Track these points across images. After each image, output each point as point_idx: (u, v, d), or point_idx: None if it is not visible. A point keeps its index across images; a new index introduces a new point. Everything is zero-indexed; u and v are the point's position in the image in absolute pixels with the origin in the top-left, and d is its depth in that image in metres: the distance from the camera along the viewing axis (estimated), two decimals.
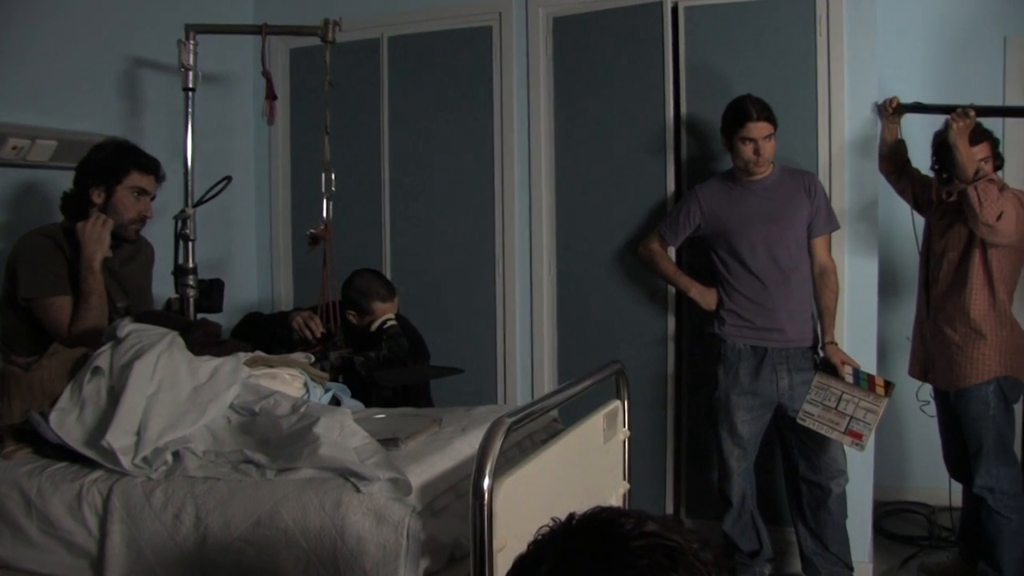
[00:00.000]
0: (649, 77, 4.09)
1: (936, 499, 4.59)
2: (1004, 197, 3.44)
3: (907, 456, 4.92)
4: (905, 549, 4.36)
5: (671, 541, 1.10)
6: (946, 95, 3.92)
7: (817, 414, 3.57)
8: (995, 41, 4.79)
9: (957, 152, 3.43)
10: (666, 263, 3.88)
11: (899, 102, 3.78)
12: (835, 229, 3.72)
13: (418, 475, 2.09)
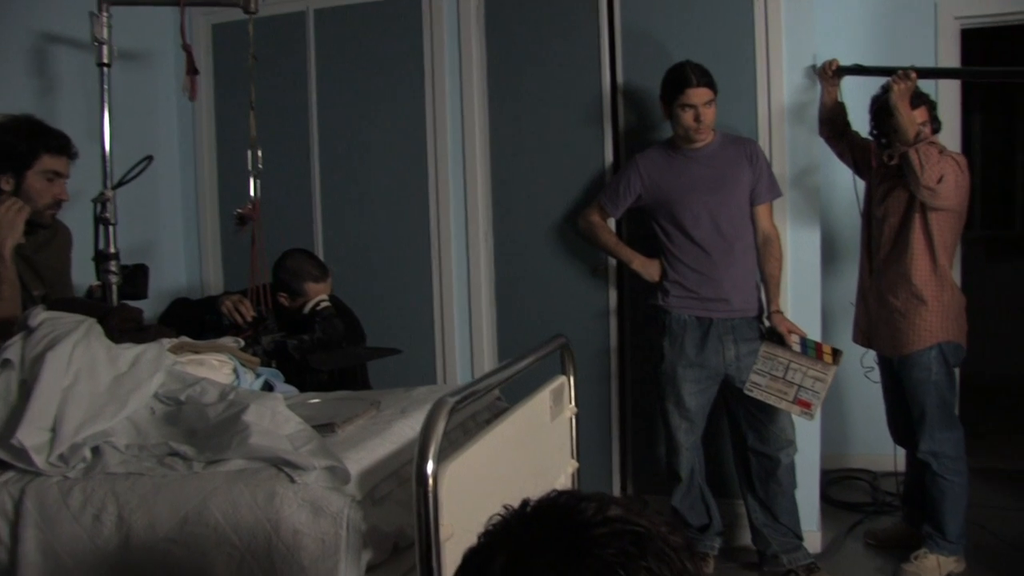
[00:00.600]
0: (585, 46, 4.01)
1: (879, 465, 4.61)
2: (944, 160, 3.42)
3: (850, 424, 4.93)
4: (851, 516, 4.36)
5: (638, 526, 1.01)
6: (880, 62, 3.88)
7: (764, 384, 3.53)
8: (927, 8, 4.78)
9: (898, 115, 3.39)
10: (607, 235, 3.80)
11: (839, 64, 3.74)
12: (778, 196, 3.67)
13: (356, 462, 1.97)
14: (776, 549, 3.68)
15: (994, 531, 4.11)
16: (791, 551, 3.68)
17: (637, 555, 0.98)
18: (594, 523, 1.00)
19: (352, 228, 4.40)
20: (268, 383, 2.68)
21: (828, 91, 3.79)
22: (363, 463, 1.99)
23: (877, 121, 3.64)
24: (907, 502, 4.03)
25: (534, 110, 4.11)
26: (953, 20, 4.79)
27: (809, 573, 3.64)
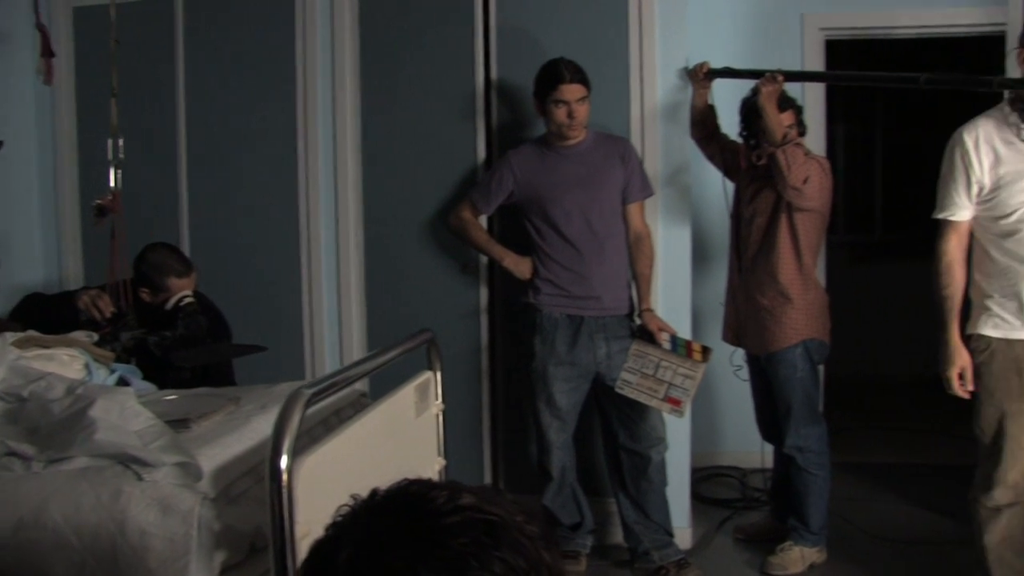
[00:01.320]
0: (459, 42, 3.97)
1: (748, 462, 4.69)
2: (809, 162, 3.51)
3: (720, 422, 5.01)
4: (721, 512, 4.43)
5: (491, 515, 0.96)
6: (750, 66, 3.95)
7: (635, 382, 3.54)
8: (793, 16, 4.92)
9: (766, 116, 3.46)
10: (478, 232, 3.77)
11: (709, 67, 3.79)
12: (649, 195, 3.70)
13: (211, 458, 1.89)
14: (647, 546, 3.71)
15: (855, 522, 4.25)
16: (662, 547, 3.71)
17: (490, 545, 0.93)
18: (445, 512, 0.96)
19: (220, 223, 4.26)
20: (123, 379, 2.57)
21: (699, 93, 3.85)
22: (218, 459, 1.91)
23: (746, 122, 3.72)
24: (774, 497, 4.12)
25: (407, 105, 4.05)
26: (818, 31, 4.95)
27: (679, 569, 3.67)
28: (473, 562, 0.92)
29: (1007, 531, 3.15)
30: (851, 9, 4.93)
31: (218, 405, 2.25)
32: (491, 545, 0.93)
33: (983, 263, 3.09)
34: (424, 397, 2.43)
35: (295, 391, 1.69)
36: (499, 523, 0.96)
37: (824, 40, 4.98)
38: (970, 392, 3.11)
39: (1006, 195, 2.96)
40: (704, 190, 4.32)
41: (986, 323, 3.07)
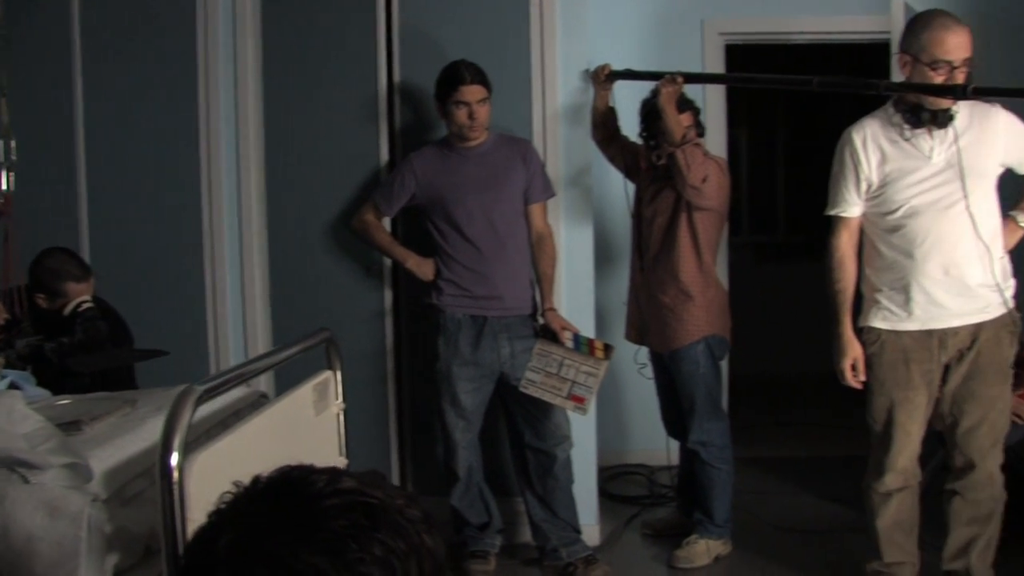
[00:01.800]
0: (361, 43, 3.96)
1: (656, 460, 4.76)
2: (708, 162, 3.59)
3: (627, 420, 5.07)
4: (629, 509, 4.49)
5: (371, 498, 0.97)
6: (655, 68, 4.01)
7: (539, 381, 3.58)
8: (694, 22, 5.04)
9: (665, 117, 3.53)
10: (381, 234, 3.77)
11: (611, 69, 3.84)
12: (551, 196, 3.74)
13: (103, 460, 1.86)
14: (555, 543, 3.74)
15: (760, 515, 4.35)
16: (570, 544, 3.74)
17: (370, 527, 0.95)
18: (325, 495, 0.97)
19: (120, 225, 4.15)
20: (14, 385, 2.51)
21: (600, 95, 3.90)
22: (110, 460, 1.88)
23: (646, 123, 3.79)
24: (680, 492, 4.20)
25: (310, 107, 4.02)
26: (718, 36, 5.06)
27: (587, 565, 3.70)
28: (352, 544, 0.93)
29: (897, 514, 3.27)
30: (750, 15, 5.06)
31: (112, 408, 2.22)
32: (370, 527, 0.94)
33: (872, 258, 3.21)
34: (324, 396, 2.42)
35: (186, 388, 1.68)
36: (379, 506, 0.97)
37: (724, 45, 5.10)
38: (862, 383, 3.22)
39: (892, 191, 3.07)
40: (607, 191, 4.39)
41: (876, 315, 3.18)
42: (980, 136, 3.03)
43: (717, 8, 5.04)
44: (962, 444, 3.18)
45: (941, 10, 3.14)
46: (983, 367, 3.11)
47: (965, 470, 3.20)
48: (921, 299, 3.07)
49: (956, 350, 3.11)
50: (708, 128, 4.84)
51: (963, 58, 2.93)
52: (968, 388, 3.13)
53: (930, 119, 3.00)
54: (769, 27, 5.10)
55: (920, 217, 3.03)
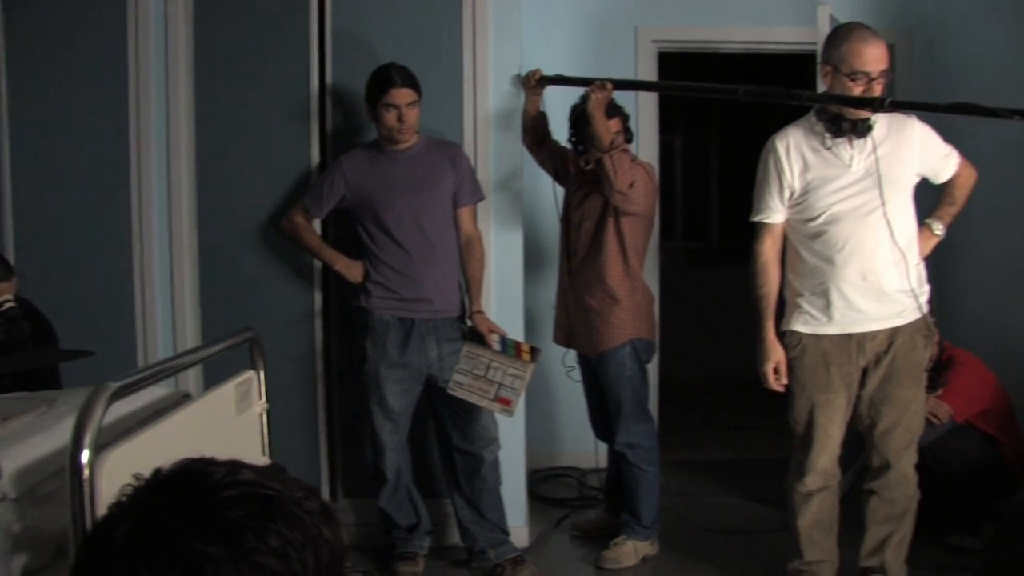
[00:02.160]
0: (294, 45, 3.94)
1: (586, 462, 4.79)
2: (635, 167, 3.64)
3: (558, 423, 5.11)
4: (558, 511, 4.52)
5: (269, 490, 0.98)
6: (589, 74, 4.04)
7: (467, 383, 3.60)
8: (628, 29, 5.10)
9: (594, 122, 3.57)
10: (310, 236, 3.75)
11: (541, 75, 3.87)
12: (480, 200, 3.76)
13: (14, 458, 1.83)
14: (483, 545, 3.76)
15: (688, 516, 4.42)
16: (498, 546, 3.76)
17: (266, 518, 0.96)
18: (223, 486, 0.97)
19: (48, 226, 4.08)
20: None
21: (531, 100, 3.93)
22: (22, 459, 1.85)
23: (576, 128, 3.83)
24: (608, 493, 4.24)
25: (241, 108, 3.99)
26: (651, 43, 5.13)
27: (515, 566, 3.72)
28: (249, 535, 0.94)
29: (818, 514, 3.34)
30: (683, 23, 5.12)
31: (29, 407, 2.19)
32: (267, 518, 0.96)
33: (795, 263, 3.28)
34: (246, 396, 2.41)
35: (100, 385, 1.67)
36: (276, 498, 0.98)
37: (657, 52, 5.16)
38: (784, 386, 3.28)
39: (814, 199, 3.14)
40: (537, 195, 4.42)
41: (797, 320, 3.25)
42: (897, 146, 3.12)
43: (651, 15, 5.10)
44: (879, 445, 3.26)
45: (860, 23, 3.22)
46: (899, 370, 3.19)
47: (881, 470, 3.28)
48: (840, 304, 3.15)
49: (874, 354, 3.19)
50: (640, 134, 4.93)
51: (880, 70, 3.01)
52: (884, 391, 3.21)
53: (850, 129, 3.08)
54: (701, 36, 5.18)
55: (840, 224, 3.11)
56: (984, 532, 4.04)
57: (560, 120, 3.97)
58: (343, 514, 4.08)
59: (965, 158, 3.31)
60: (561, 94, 3.99)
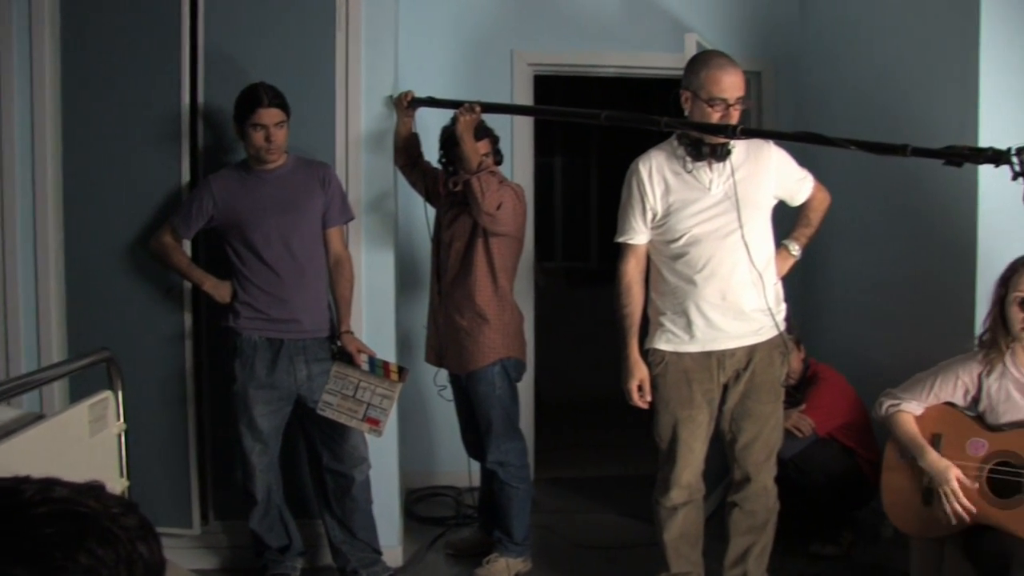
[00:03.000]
0: (164, 63, 3.87)
1: (463, 481, 4.80)
2: (504, 189, 3.69)
3: (434, 443, 5.11)
4: (434, 530, 4.53)
5: (82, 507, 0.98)
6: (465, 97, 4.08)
7: (336, 403, 3.59)
8: (504, 52, 5.17)
9: (463, 144, 3.61)
10: (179, 256, 3.69)
11: (413, 96, 3.91)
12: (350, 220, 3.76)
13: None
14: (355, 565, 3.75)
15: (561, 533, 4.50)
16: (369, 566, 3.76)
17: (77, 536, 0.95)
18: (34, 503, 0.97)
19: None
20: None
21: (403, 121, 3.96)
22: None
23: (445, 150, 3.87)
24: (482, 511, 4.27)
25: (110, 124, 3.88)
26: (527, 66, 5.20)
27: None
28: (57, 552, 0.93)
29: (683, 527, 3.44)
30: (558, 48, 5.22)
31: None
32: (78, 536, 0.95)
33: (658, 283, 3.37)
34: (101, 417, 2.36)
35: None
36: (90, 515, 0.98)
37: (533, 75, 5.25)
38: (648, 403, 3.37)
39: (675, 221, 3.24)
40: (412, 216, 4.44)
41: (660, 338, 3.34)
42: (754, 170, 3.24)
43: (526, 39, 5.19)
44: (740, 459, 3.37)
45: (718, 51, 3.34)
46: (757, 386, 3.30)
47: (743, 483, 3.39)
48: (701, 323, 3.24)
49: (733, 370, 3.30)
50: (516, 156, 5.02)
51: (737, 96, 3.12)
52: (744, 406, 3.32)
53: (710, 153, 3.19)
54: (576, 59, 5.28)
55: (700, 245, 3.21)
56: (843, 539, 4.22)
57: (434, 141, 4.00)
58: (215, 536, 4.03)
59: (820, 182, 3.46)
60: (435, 116, 4.03)
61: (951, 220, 3.87)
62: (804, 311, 5.31)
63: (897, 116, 4.23)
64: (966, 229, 3.77)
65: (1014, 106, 3.70)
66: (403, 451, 4.60)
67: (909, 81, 4.27)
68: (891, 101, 4.35)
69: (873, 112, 4.51)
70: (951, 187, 3.84)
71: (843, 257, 4.96)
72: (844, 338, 4.98)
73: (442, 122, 3.97)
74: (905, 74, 4.31)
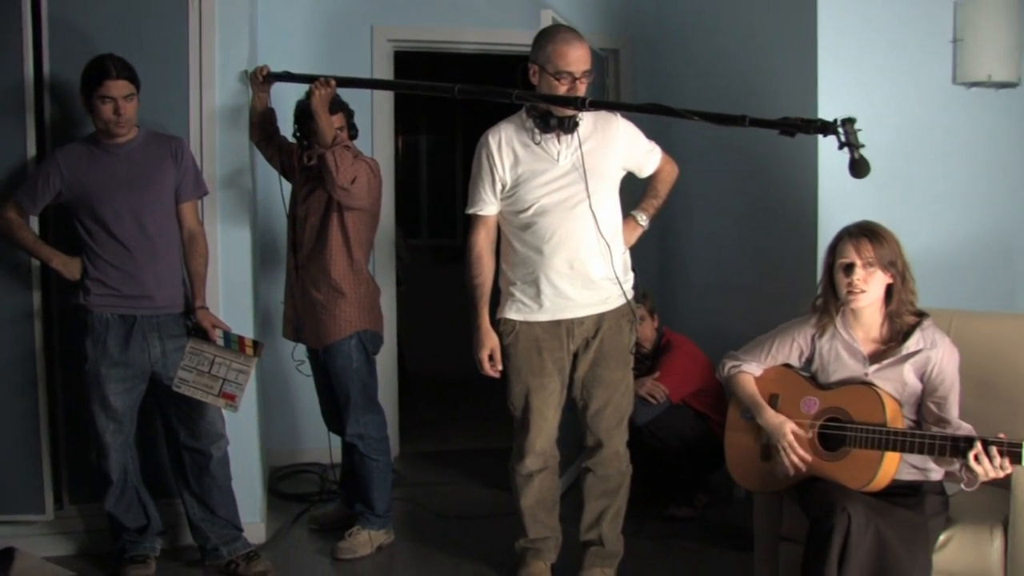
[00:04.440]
0: (5, 30, 3.72)
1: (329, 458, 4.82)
2: (358, 163, 3.71)
3: (298, 420, 5.12)
4: (299, 506, 4.53)
5: None
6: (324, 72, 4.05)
7: (191, 380, 3.56)
8: (364, 27, 5.19)
9: (317, 118, 3.61)
10: (25, 233, 3.57)
11: (269, 71, 3.89)
12: (204, 195, 3.71)
13: None
14: (215, 542, 3.72)
15: (426, 504, 4.58)
16: (230, 542, 3.74)
17: None
18: None
19: None
20: None
21: (259, 96, 3.93)
22: None
23: (300, 124, 3.86)
24: (343, 486, 4.30)
25: None
26: (387, 42, 5.22)
27: (248, 561, 3.71)
28: None
29: (539, 493, 3.54)
30: (418, 23, 5.25)
31: None
32: None
33: (508, 254, 3.44)
34: None
35: None
36: None
37: (393, 51, 5.26)
38: (499, 372, 3.44)
39: (523, 191, 3.32)
40: (271, 192, 4.41)
41: (511, 308, 3.42)
42: (602, 142, 3.34)
43: (386, 15, 5.20)
44: (591, 425, 3.47)
45: (564, 25, 3.43)
46: (606, 354, 3.41)
47: (595, 448, 3.50)
48: (550, 292, 3.33)
49: (582, 338, 3.40)
50: (376, 133, 5.04)
51: (583, 70, 3.21)
52: (594, 374, 3.42)
53: (557, 125, 3.27)
54: (436, 36, 5.33)
55: (548, 215, 3.29)
56: (697, 501, 4.40)
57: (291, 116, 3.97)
58: (69, 521, 3.94)
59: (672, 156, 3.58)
60: (292, 91, 4.01)
61: (794, 192, 4.07)
62: (661, 282, 5.49)
63: (744, 92, 4.42)
64: (808, 200, 3.97)
65: (850, 78, 3.93)
66: (267, 430, 4.60)
67: (754, 58, 4.46)
68: (738, 78, 4.53)
69: (722, 88, 4.68)
70: (794, 160, 4.04)
71: (696, 230, 5.14)
72: (698, 307, 5.17)
73: (299, 96, 3.95)
74: (750, 52, 4.50)
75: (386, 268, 5.27)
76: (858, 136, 2.70)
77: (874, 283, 2.92)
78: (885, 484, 2.82)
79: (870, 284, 2.92)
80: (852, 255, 2.92)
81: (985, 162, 4.23)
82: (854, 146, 2.70)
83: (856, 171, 2.73)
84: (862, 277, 2.91)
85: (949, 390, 2.88)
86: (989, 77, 4.03)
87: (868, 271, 2.91)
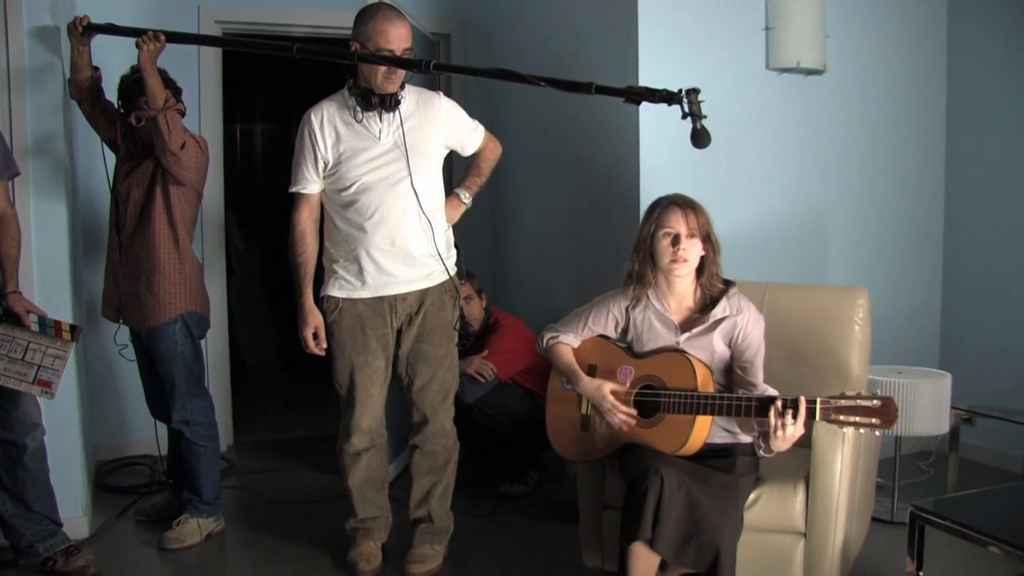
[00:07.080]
0: None
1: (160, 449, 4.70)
2: (188, 133, 3.60)
3: (126, 412, 4.94)
4: (126, 500, 4.39)
5: None
6: None
7: (3, 368, 3.38)
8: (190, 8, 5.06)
9: (147, 76, 3.45)
10: None
11: (90, 21, 3.62)
12: (15, 175, 3.49)
13: None
14: (31, 539, 3.51)
15: (259, 492, 4.53)
16: (47, 538, 3.54)
17: None
18: None
19: None
20: None
21: (79, 50, 3.67)
22: None
23: (124, 100, 3.73)
24: (171, 474, 4.18)
25: None
26: (215, 23, 5.10)
27: (67, 557, 3.54)
28: None
29: (367, 472, 3.54)
30: (247, 4, 5.15)
31: None
32: None
33: (331, 232, 3.43)
34: None
35: None
36: None
37: (221, 32, 5.15)
38: (324, 350, 3.43)
39: (345, 169, 3.30)
40: (93, 171, 4.23)
41: (334, 285, 3.41)
42: (424, 120, 3.35)
43: None
44: (417, 401, 3.49)
45: (385, 3, 3.42)
46: (430, 330, 3.43)
47: (421, 425, 3.52)
48: (372, 268, 3.33)
49: (406, 315, 3.42)
50: (204, 122, 4.92)
51: (403, 48, 3.20)
52: (418, 349, 3.44)
53: (379, 103, 3.26)
54: (267, 18, 5.22)
55: (370, 193, 3.29)
56: (530, 478, 4.47)
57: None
58: None
59: (497, 137, 3.62)
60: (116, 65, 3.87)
61: (618, 168, 4.19)
62: (493, 263, 5.56)
63: (572, 69, 4.49)
64: (631, 181, 4.08)
65: (670, 62, 4.08)
66: (93, 420, 4.45)
67: (576, 47, 4.58)
68: (561, 66, 4.61)
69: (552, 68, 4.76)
70: (617, 137, 4.15)
71: (525, 210, 5.23)
72: (528, 286, 5.26)
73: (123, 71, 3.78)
74: (574, 41, 4.62)
75: (216, 254, 5.16)
76: (700, 107, 2.76)
77: (694, 252, 3.03)
78: (698, 447, 2.92)
79: (692, 253, 3.02)
80: (680, 224, 3.00)
81: (798, 145, 4.45)
82: (696, 116, 2.73)
83: (697, 141, 2.76)
84: (686, 247, 3.00)
85: (755, 355, 3.01)
86: (798, 64, 4.24)
87: (691, 241, 3.00)
